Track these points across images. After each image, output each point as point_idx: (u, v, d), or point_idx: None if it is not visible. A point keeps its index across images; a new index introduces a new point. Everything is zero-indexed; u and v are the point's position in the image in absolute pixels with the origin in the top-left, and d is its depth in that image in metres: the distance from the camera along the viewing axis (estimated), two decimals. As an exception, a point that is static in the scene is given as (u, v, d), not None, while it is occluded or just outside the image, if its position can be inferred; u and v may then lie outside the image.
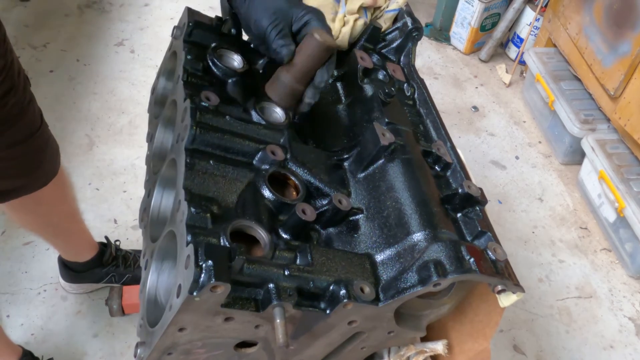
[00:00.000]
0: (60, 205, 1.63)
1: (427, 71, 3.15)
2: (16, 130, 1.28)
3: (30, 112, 1.31)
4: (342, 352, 0.93)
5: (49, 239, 1.79)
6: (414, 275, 0.79)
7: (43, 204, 1.55)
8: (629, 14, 2.29)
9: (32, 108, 1.33)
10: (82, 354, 1.85)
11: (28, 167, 1.38)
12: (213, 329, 0.75)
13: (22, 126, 1.29)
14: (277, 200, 0.85)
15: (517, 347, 2.08)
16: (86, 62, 2.80)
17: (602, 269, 2.39)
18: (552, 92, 2.69)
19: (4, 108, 1.22)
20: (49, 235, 1.75)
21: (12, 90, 1.22)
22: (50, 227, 1.70)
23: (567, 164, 2.78)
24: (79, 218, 1.78)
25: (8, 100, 1.22)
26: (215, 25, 1.06)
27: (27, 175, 1.39)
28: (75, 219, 1.75)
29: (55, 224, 1.69)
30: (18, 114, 1.27)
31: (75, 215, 1.75)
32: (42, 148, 1.39)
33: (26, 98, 1.29)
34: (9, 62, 1.21)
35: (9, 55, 1.22)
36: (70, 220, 1.73)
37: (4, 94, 1.21)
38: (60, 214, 1.67)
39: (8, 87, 1.21)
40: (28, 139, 1.32)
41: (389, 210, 0.88)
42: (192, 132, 0.85)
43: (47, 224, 1.68)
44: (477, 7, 3.08)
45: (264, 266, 0.74)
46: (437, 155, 0.99)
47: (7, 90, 1.21)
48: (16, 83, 1.24)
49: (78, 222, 1.78)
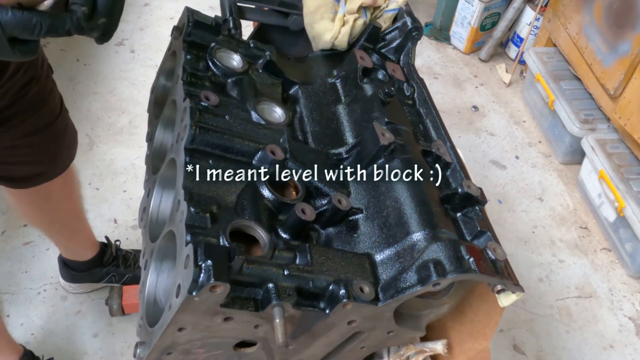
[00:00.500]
0: (67, 202, 1.65)
1: (427, 71, 3.15)
2: (37, 118, 1.31)
3: (51, 101, 1.34)
4: (341, 351, 0.93)
5: (53, 236, 1.80)
6: (414, 275, 0.79)
7: (51, 199, 1.57)
8: (629, 13, 2.29)
9: (53, 96, 1.36)
10: (82, 353, 1.85)
11: (48, 153, 1.41)
12: (212, 329, 0.75)
13: (43, 114, 1.33)
14: (276, 200, 0.85)
15: (517, 347, 2.08)
16: (86, 62, 2.80)
17: (602, 269, 2.39)
18: (552, 91, 2.69)
19: (25, 96, 1.24)
20: (53, 232, 1.77)
21: (34, 80, 1.25)
22: (55, 224, 1.71)
23: (567, 163, 2.78)
24: (84, 217, 1.80)
25: (30, 89, 1.25)
26: (215, 25, 1.06)
27: (47, 162, 1.42)
28: (80, 217, 1.77)
29: (61, 221, 1.70)
30: (39, 102, 1.30)
31: (80, 214, 1.77)
32: (61, 135, 1.42)
33: (48, 87, 1.32)
34: None
35: None
36: (75, 218, 1.75)
37: (26, 83, 1.23)
38: (67, 211, 1.69)
39: (30, 77, 1.24)
40: (49, 126, 1.35)
41: (389, 210, 0.88)
42: (191, 131, 0.85)
43: (53, 221, 1.69)
44: (477, 7, 3.08)
45: (263, 266, 0.74)
46: (437, 154, 0.99)
47: (29, 80, 1.24)
48: (39, 73, 1.27)
49: (82, 221, 1.79)
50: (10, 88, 1.19)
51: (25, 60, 0.92)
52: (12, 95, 1.21)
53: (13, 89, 1.20)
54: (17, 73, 1.19)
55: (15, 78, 1.19)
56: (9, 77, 1.17)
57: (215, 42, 1.04)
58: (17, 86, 1.21)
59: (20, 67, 1.19)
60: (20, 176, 1.41)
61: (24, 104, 1.25)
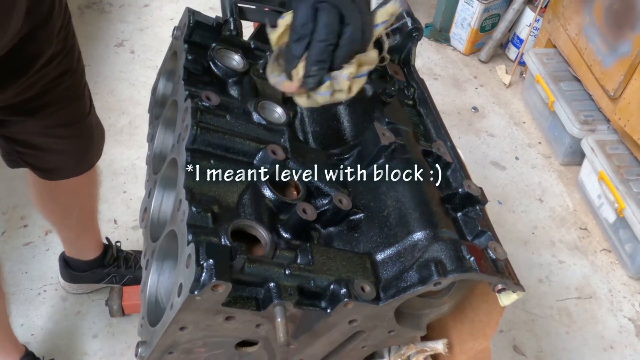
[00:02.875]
0: (85, 200, 1.68)
1: (427, 72, 3.16)
2: (70, 111, 1.34)
3: (84, 97, 1.38)
4: (342, 351, 0.93)
5: (62, 231, 1.81)
6: (415, 275, 0.80)
7: (72, 195, 1.60)
8: (629, 14, 2.29)
9: (86, 92, 1.39)
10: (82, 354, 1.85)
11: (78, 148, 1.44)
12: (214, 328, 0.76)
13: (76, 108, 1.36)
14: (277, 199, 0.86)
15: (517, 347, 2.08)
16: (86, 62, 2.77)
17: (602, 270, 2.39)
18: (552, 92, 2.70)
19: (58, 87, 1.26)
20: (64, 226, 1.78)
21: (68, 72, 1.27)
22: (69, 219, 1.73)
23: (567, 164, 2.78)
24: (95, 216, 1.82)
25: (63, 80, 1.27)
26: (215, 26, 1.06)
27: (76, 156, 1.45)
28: (92, 217, 1.79)
29: (75, 217, 1.72)
30: (73, 96, 1.33)
31: (94, 213, 1.79)
32: (91, 131, 1.45)
33: (82, 81, 1.36)
34: (70, 46, 1.26)
35: (70, 39, 1.27)
36: (88, 217, 1.77)
37: (60, 75, 1.25)
38: (83, 208, 1.71)
39: (65, 69, 1.26)
40: (80, 121, 1.38)
41: (390, 209, 0.88)
42: (192, 132, 0.85)
43: (68, 216, 1.71)
44: (477, 8, 3.08)
45: (264, 265, 0.74)
46: (437, 154, 0.99)
47: (63, 72, 1.26)
48: (74, 66, 1.30)
49: (94, 220, 1.81)
50: (41, 78, 1.20)
51: None
52: (43, 85, 1.22)
53: (45, 78, 1.21)
54: (50, 64, 1.20)
55: (47, 69, 1.20)
56: (40, 67, 1.18)
57: (215, 42, 1.04)
58: (49, 77, 1.22)
59: (54, 58, 1.21)
60: (50, 167, 1.43)
61: (57, 96, 1.27)
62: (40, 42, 1.15)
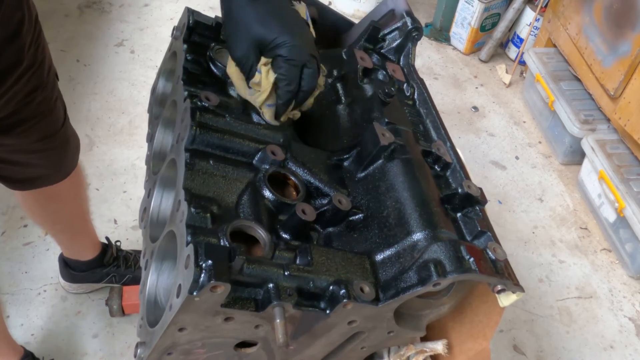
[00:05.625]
0: (72, 203, 1.66)
1: (427, 71, 3.15)
2: (44, 125, 1.31)
3: (57, 109, 1.35)
4: (342, 352, 0.93)
5: (56, 235, 1.80)
6: (414, 275, 0.79)
7: (56, 200, 1.58)
8: (629, 14, 2.29)
9: (59, 105, 1.36)
10: (82, 354, 1.85)
11: (52, 160, 1.42)
12: (213, 329, 0.75)
13: (49, 122, 1.33)
14: (277, 200, 0.85)
15: (517, 347, 2.08)
16: (86, 62, 2.81)
17: (602, 269, 2.39)
18: (552, 92, 2.69)
19: (30, 105, 1.24)
20: (57, 231, 1.77)
21: (39, 88, 1.25)
22: (60, 224, 1.72)
23: (567, 164, 2.78)
24: (88, 218, 1.81)
25: (35, 97, 1.24)
26: (215, 26, 1.06)
27: (50, 168, 1.43)
28: (84, 218, 1.78)
29: (65, 221, 1.71)
30: (45, 111, 1.30)
31: (85, 215, 1.78)
32: (66, 142, 1.43)
33: (54, 95, 1.32)
34: (39, 61, 1.23)
35: (40, 54, 1.23)
36: (79, 219, 1.76)
37: (30, 92, 1.23)
38: (72, 212, 1.70)
39: (35, 86, 1.23)
40: (54, 134, 1.36)
41: (389, 210, 0.88)
42: (192, 132, 0.85)
43: (57, 221, 1.70)
44: (477, 7, 3.08)
45: (263, 266, 0.74)
46: (437, 155, 0.98)
47: (33, 89, 1.23)
48: (44, 81, 1.26)
49: (86, 222, 1.80)
50: (13, 96, 1.18)
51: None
52: (15, 103, 1.20)
53: (16, 97, 1.19)
54: (19, 82, 1.18)
55: (17, 87, 1.17)
56: (10, 86, 1.15)
57: (215, 42, 1.04)
58: (20, 94, 1.20)
59: (23, 76, 1.18)
60: (20, 178, 1.41)
61: (29, 112, 1.25)
62: (9, 57, 1.12)
